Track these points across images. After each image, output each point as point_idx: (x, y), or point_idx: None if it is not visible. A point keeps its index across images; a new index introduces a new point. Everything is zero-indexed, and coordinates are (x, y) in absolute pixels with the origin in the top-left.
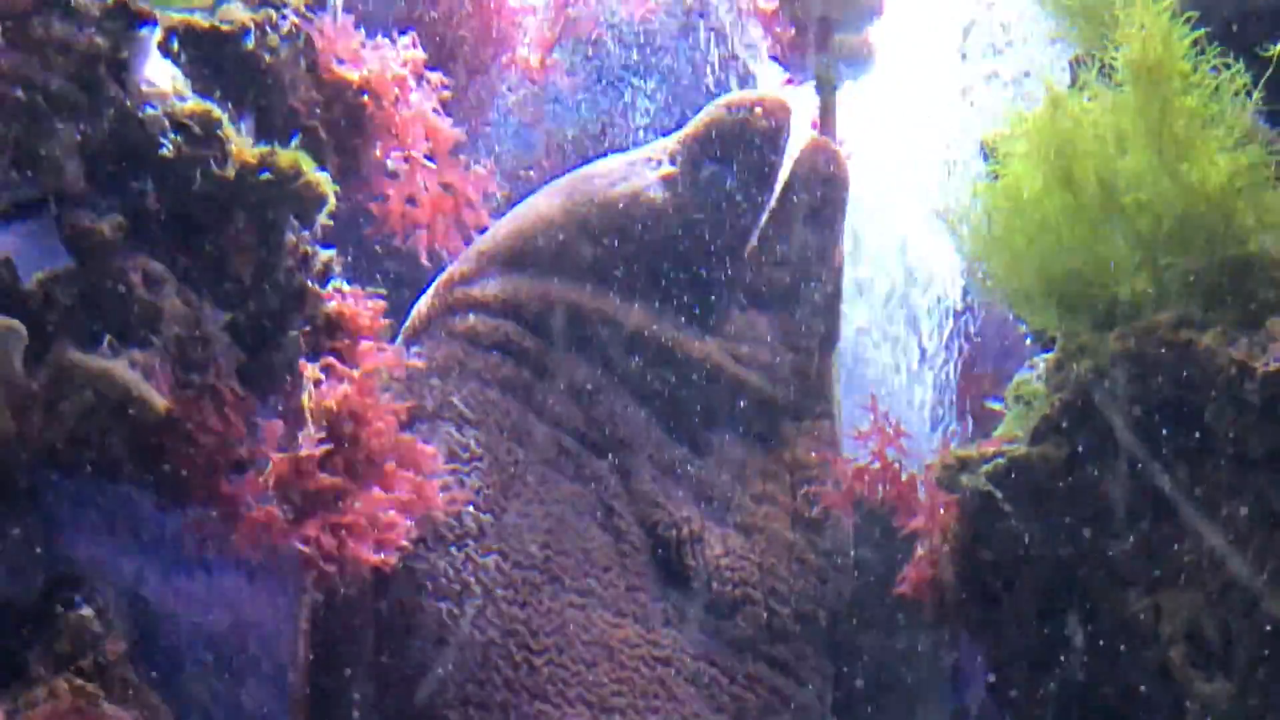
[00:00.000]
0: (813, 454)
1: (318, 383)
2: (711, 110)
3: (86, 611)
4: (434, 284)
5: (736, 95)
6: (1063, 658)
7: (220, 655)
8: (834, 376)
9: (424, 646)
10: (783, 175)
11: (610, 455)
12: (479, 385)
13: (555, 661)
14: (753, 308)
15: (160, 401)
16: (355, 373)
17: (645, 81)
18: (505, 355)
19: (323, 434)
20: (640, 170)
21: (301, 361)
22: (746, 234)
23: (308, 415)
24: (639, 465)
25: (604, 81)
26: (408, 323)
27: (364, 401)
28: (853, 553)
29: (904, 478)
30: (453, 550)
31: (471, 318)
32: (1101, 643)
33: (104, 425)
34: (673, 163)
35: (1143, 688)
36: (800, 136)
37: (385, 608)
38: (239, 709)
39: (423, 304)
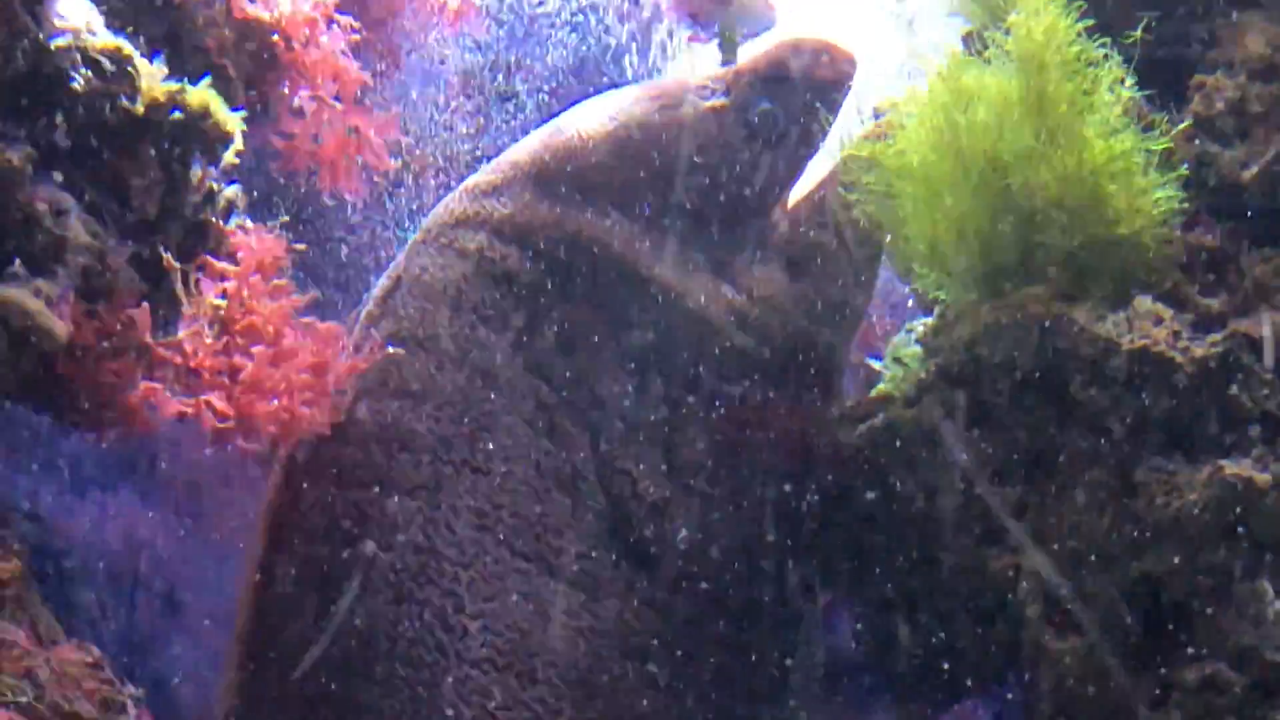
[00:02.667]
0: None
1: (198, 282)
2: (777, 47)
3: None
4: (460, 185)
5: (808, 37)
6: (922, 613)
7: (112, 573)
8: (847, 352)
9: (360, 598)
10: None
11: (584, 414)
12: (472, 320)
13: (490, 628)
14: (776, 264)
15: (63, 329)
16: (234, 269)
17: (560, 32)
18: (507, 289)
19: (213, 328)
20: (691, 99)
21: (168, 257)
22: (787, 184)
23: (181, 299)
24: (611, 427)
25: (520, 30)
26: (424, 223)
27: (250, 291)
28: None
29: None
30: (404, 500)
31: (481, 237)
32: (962, 599)
33: (5, 351)
34: (726, 94)
35: (999, 644)
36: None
37: (329, 551)
38: (129, 625)
39: (441, 207)
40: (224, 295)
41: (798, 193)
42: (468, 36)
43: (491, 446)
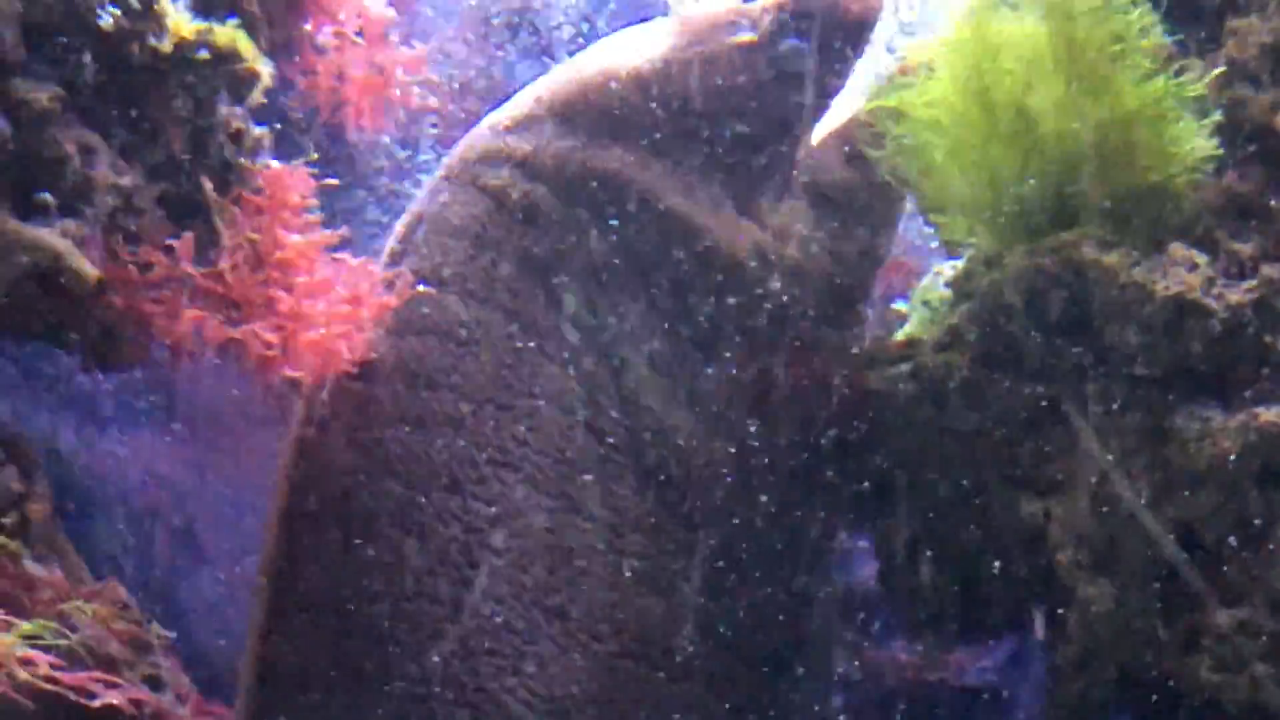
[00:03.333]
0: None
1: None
2: None
3: (10, 470)
4: (482, 121)
5: None
6: (944, 553)
7: (132, 510)
8: (871, 291)
9: (387, 531)
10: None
11: (608, 351)
12: (495, 258)
13: (514, 563)
14: (801, 202)
15: (91, 271)
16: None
17: None
18: (531, 226)
19: (247, 257)
20: (718, 35)
21: (208, 188)
22: (812, 121)
23: (220, 231)
24: (634, 364)
25: None
26: (446, 159)
27: (281, 221)
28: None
29: None
30: (429, 437)
31: (505, 174)
32: (991, 544)
33: (34, 290)
34: (752, 30)
35: (1020, 586)
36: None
37: (355, 487)
38: (149, 562)
39: (464, 144)
40: (257, 230)
41: (823, 129)
42: None
43: (515, 384)
